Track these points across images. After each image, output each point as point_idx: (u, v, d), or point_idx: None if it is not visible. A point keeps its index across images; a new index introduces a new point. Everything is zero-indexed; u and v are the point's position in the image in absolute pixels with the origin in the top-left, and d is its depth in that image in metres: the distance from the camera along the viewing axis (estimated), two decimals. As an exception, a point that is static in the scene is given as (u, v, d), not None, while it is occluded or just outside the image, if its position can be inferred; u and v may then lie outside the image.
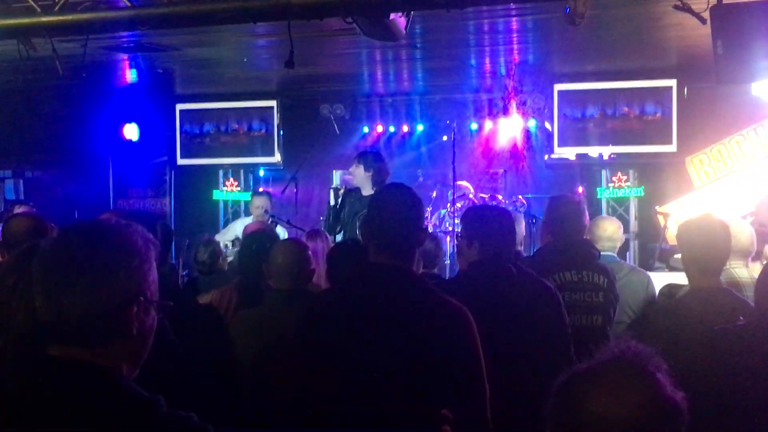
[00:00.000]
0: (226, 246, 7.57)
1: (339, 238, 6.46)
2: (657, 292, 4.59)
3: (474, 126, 10.19)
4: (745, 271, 3.92)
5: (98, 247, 1.59)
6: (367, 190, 6.56)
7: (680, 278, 4.18)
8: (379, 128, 10.63)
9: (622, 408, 1.44)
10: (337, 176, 8.90)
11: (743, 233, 3.95)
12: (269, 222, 7.71)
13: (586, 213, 4.31)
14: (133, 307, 1.60)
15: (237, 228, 7.95)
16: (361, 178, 6.54)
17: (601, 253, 4.25)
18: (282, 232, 7.61)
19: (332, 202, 6.71)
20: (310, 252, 3.88)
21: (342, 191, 6.70)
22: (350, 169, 6.74)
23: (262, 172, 10.90)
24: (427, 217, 8.93)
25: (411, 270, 2.61)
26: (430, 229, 8.34)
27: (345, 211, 6.63)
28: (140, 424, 1.51)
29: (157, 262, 1.68)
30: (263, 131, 10.27)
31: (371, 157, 6.71)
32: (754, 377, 2.71)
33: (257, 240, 4.49)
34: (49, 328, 1.57)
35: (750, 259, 4.02)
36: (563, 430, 1.50)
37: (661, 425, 1.46)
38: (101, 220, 1.68)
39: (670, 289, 4.50)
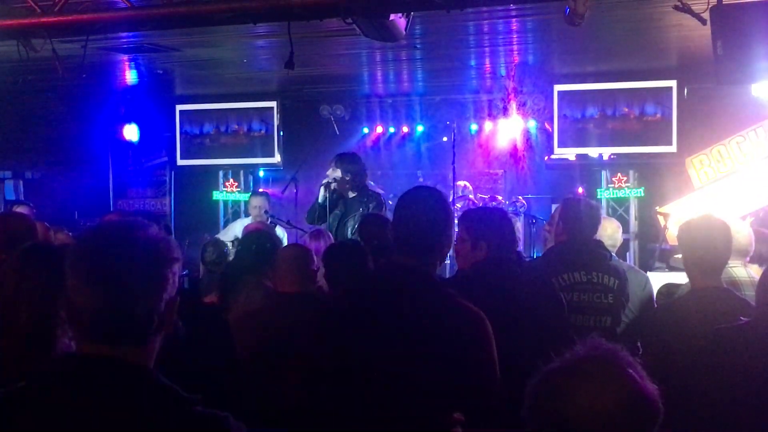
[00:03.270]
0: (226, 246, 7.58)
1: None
2: (655, 292, 4.60)
3: (474, 127, 10.19)
4: (744, 271, 3.93)
5: (156, 244, 1.59)
6: (347, 194, 6.57)
7: (680, 278, 4.19)
8: (379, 129, 10.63)
9: (604, 401, 1.47)
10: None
11: (741, 233, 3.96)
12: (268, 222, 7.71)
13: (601, 216, 4.32)
14: (175, 304, 1.61)
15: (236, 228, 7.95)
16: (339, 181, 6.55)
17: (603, 253, 4.25)
18: (281, 233, 7.61)
19: (320, 199, 6.70)
20: (312, 254, 3.91)
21: (334, 186, 6.69)
22: (327, 173, 6.71)
23: (262, 173, 10.90)
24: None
25: (431, 272, 2.58)
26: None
27: (331, 213, 6.62)
28: (182, 422, 1.51)
29: None
30: (263, 132, 10.27)
31: (348, 159, 6.70)
32: (755, 376, 2.72)
33: (256, 240, 4.51)
34: (97, 327, 1.55)
35: (748, 259, 4.03)
36: (546, 427, 1.51)
37: (641, 416, 1.49)
38: (134, 220, 1.65)
39: (668, 289, 4.51)
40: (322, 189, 6.75)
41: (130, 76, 9.07)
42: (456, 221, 3.29)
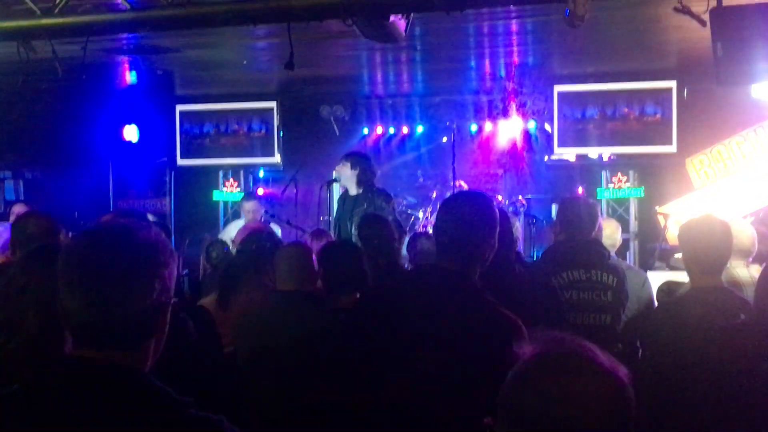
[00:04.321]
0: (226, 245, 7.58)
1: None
2: (654, 291, 4.61)
3: (474, 127, 10.19)
4: (746, 271, 3.93)
5: (144, 248, 1.57)
6: (353, 190, 6.56)
7: (681, 278, 4.19)
8: (379, 129, 10.63)
9: (585, 394, 1.46)
10: (338, 176, 8.92)
11: (744, 233, 3.97)
12: (262, 221, 7.70)
13: (599, 215, 4.33)
14: (169, 307, 1.61)
15: (231, 231, 7.95)
16: (347, 176, 6.56)
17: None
18: (277, 231, 7.60)
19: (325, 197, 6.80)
20: (312, 253, 3.92)
21: (337, 184, 6.72)
22: (336, 168, 6.73)
23: (262, 173, 10.91)
24: (427, 217, 8.95)
25: (469, 277, 2.56)
26: (431, 230, 8.35)
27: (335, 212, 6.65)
28: (175, 425, 1.51)
29: None
30: (263, 132, 10.27)
31: (359, 155, 6.74)
32: (754, 375, 2.72)
33: (257, 239, 4.53)
34: (83, 330, 1.55)
35: (750, 259, 4.03)
36: (528, 426, 1.50)
37: (621, 403, 1.48)
38: (128, 223, 1.65)
39: (669, 286, 4.51)
40: (324, 187, 6.78)
41: (130, 77, 9.07)
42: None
